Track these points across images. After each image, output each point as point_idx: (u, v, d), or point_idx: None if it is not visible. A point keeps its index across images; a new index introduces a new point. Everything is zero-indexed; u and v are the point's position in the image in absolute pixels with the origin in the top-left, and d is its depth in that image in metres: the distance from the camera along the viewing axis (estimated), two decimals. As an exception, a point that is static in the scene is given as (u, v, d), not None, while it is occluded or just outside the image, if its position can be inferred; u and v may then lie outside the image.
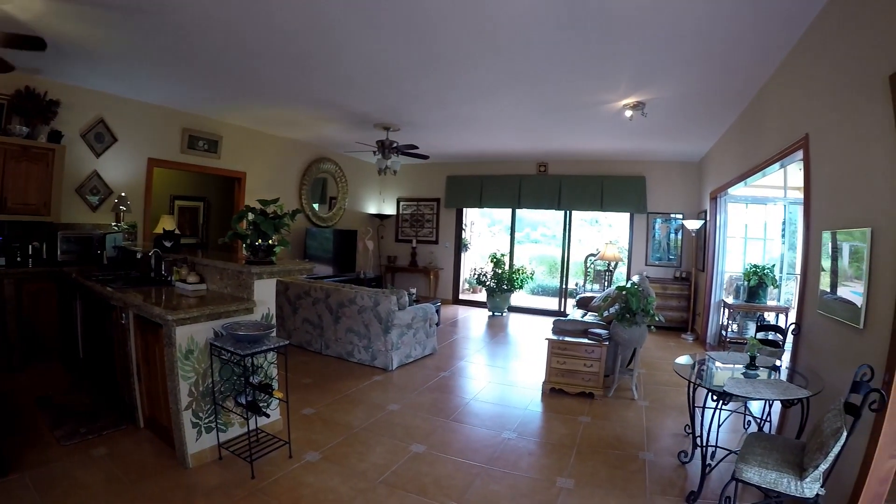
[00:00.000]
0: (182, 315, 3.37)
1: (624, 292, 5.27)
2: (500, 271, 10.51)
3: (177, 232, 6.15)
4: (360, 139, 8.45)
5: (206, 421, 3.55)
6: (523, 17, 3.88)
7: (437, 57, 4.85)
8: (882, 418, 2.52)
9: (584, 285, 11.37)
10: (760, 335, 4.46)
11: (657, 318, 5.33)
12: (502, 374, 6.28)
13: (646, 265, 10.03)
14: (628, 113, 5.96)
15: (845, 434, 2.34)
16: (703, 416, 3.53)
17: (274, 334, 3.78)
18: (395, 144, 7.98)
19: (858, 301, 2.92)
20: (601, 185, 10.13)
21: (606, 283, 10.18)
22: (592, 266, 11.37)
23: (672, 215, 9.85)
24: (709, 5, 3.58)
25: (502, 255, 10.86)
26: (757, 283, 7.23)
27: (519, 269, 10.96)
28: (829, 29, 3.45)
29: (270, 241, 3.93)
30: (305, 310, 6.74)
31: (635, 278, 6.13)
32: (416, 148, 8.05)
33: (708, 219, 8.17)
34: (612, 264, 9.98)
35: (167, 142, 7.24)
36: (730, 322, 7.57)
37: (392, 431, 4.25)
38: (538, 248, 15.36)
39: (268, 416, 3.89)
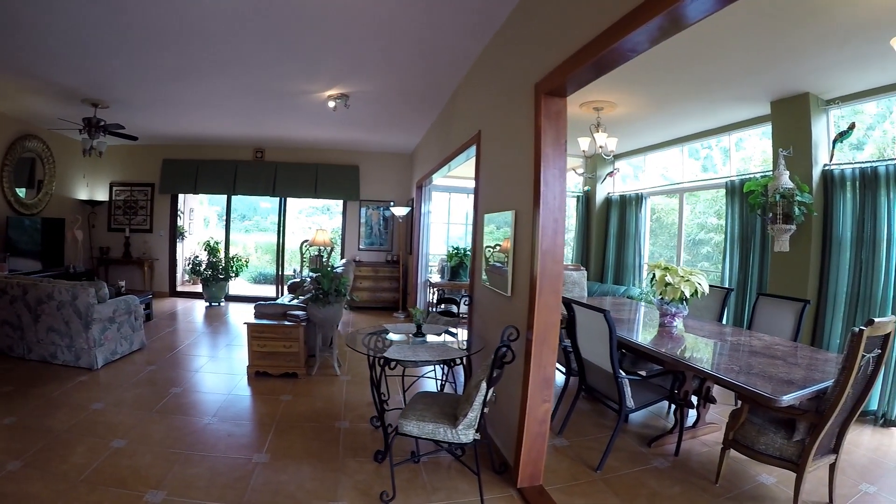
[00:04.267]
0: None
1: (317, 275, 5.47)
2: (215, 259, 9.98)
3: None
4: (68, 115, 7.15)
5: None
6: (223, 5, 3.78)
7: (139, 35, 4.43)
8: (529, 369, 3.04)
9: (300, 271, 11.40)
10: (443, 307, 5.00)
11: (350, 298, 5.63)
12: (212, 362, 6.08)
13: (359, 250, 10.49)
14: (332, 104, 6.13)
15: (485, 385, 2.75)
16: (387, 382, 3.78)
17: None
18: (102, 123, 6.99)
19: (509, 273, 3.45)
20: (316, 173, 10.26)
21: (323, 268, 10.38)
22: (307, 252, 11.47)
23: (389, 203, 10.43)
24: (399, 13, 3.86)
25: (216, 243, 10.28)
26: (458, 264, 8.13)
27: (234, 257, 10.55)
28: (501, 44, 4.03)
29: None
30: (3, 310, 5.64)
31: (341, 262, 6.37)
32: (123, 128, 7.14)
33: (414, 206, 8.84)
34: (326, 249, 10.18)
35: None
36: (437, 299, 8.34)
37: (94, 430, 4.06)
38: (266, 237, 15.20)
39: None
